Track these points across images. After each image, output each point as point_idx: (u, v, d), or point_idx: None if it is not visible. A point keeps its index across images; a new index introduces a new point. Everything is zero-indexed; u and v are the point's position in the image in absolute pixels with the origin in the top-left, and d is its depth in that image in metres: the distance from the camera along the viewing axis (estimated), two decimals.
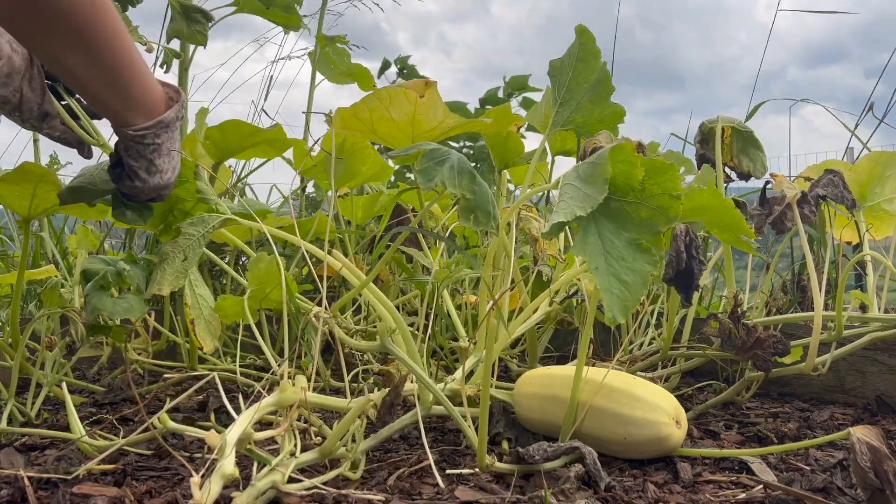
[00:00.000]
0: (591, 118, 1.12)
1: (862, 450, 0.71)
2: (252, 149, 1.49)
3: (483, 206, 0.82)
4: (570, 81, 1.10)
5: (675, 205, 0.77)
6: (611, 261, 0.76)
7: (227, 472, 0.58)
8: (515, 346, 1.42)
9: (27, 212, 1.16)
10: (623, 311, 0.74)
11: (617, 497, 0.76)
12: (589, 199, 0.74)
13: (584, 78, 1.09)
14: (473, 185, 0.82)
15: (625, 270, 0.75)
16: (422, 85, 1.08)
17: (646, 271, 0.76)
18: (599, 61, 1.08)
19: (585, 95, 1.10)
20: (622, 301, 0.74)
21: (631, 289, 0.75)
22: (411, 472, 0.85)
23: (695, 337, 1.23)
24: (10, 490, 0.76)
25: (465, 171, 0.82)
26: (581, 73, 1.09)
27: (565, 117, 1.13)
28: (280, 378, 0.76)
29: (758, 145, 1.30)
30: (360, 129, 1.17)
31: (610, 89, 1.11)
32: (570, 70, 1.09)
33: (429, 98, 1.08)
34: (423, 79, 1.09)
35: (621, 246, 0.77)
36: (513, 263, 1.05)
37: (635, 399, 0.89)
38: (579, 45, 1.08)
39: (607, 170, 0.74)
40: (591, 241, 0.76)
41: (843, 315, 1.10)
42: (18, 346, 1.14)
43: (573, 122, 1.13)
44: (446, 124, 1.14)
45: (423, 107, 1.10)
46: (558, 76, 1.12)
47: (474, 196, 0.81)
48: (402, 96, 1.08)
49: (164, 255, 0.94)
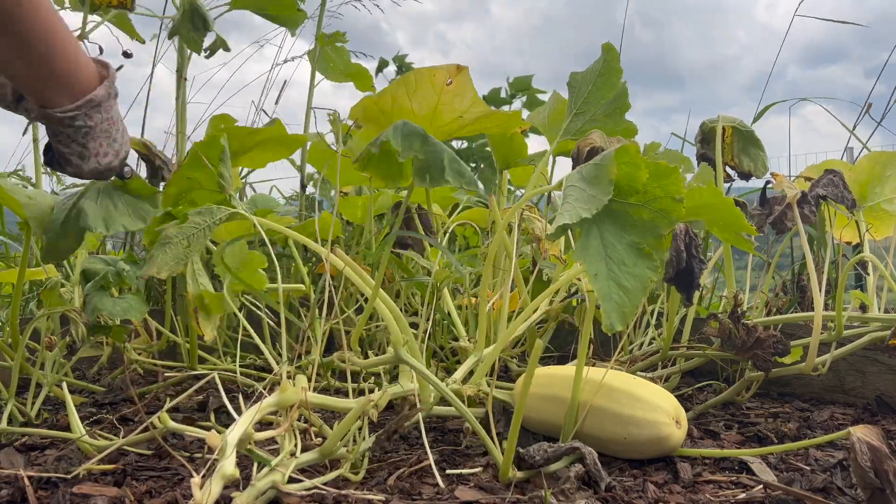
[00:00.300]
0: (603, 131, 1.14)
1: (862, 449, 0.71)
2: (257, 149, 1.48)
3: (437, 163, 0.83)
4: (588, 94, 1.12)
5: (678, 208, 0.77)
6: (611, 265, 0.75)
7: (228, 472, 0.58)
8: (516, 347, 1.42)
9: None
10: (622, 318, 0.73)
11: (617, 497, 0.76)
12: (594, 201, 0.74)
13: (603, 94, 1.11)
14: (425, 146, 0.83)
15: (625, 276, 0.75)
16: (454, 69, 1.05)
17: (646, 277, 0.75)
18: (621, 80, 1.11)
19: (601, 109, 1.12)
20: (621, 307, 0.73)
21: (631, 295, 0.74)
22: (411, 472, 0.85)
23: (695, 337, 1.23)
24: (10, 490, 0.76)
25: (414, 133, 0.83)
26: (601, 87, 1.11)
27: (578, 127, 1.15)
28: (280, 378, 0.76)
29: (759, 145, 1.30)
30: (379, 118, 1.15)
31: (626, 106, 1.13)
32: (591, 84, 1.11)
33: (457, 84, 1.06)
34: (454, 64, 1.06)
35: (622, 250, 0.77)
36: (514, 263, 1.06)
37: (635, 399, 0.89)
38: (603, 62, 1.10)
39: (612, 171, 0.74)
40: (593, 244, 0.76)
41: (843, 315, 1.10)
42: (18, 346, 1.14)
43: (584, 133, 1.15)
44: (471, 113, 1.12)
45: (448, 96, 1.07)
46: (577, 87, 1.14)
47: (425, 156, 0.82)
48: (429, 83, 1.05)
49: (166, 239, 0.89)
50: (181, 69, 1.67)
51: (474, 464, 0.88)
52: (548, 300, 1.18)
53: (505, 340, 0.99)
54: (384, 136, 0.83)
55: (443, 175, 0.83)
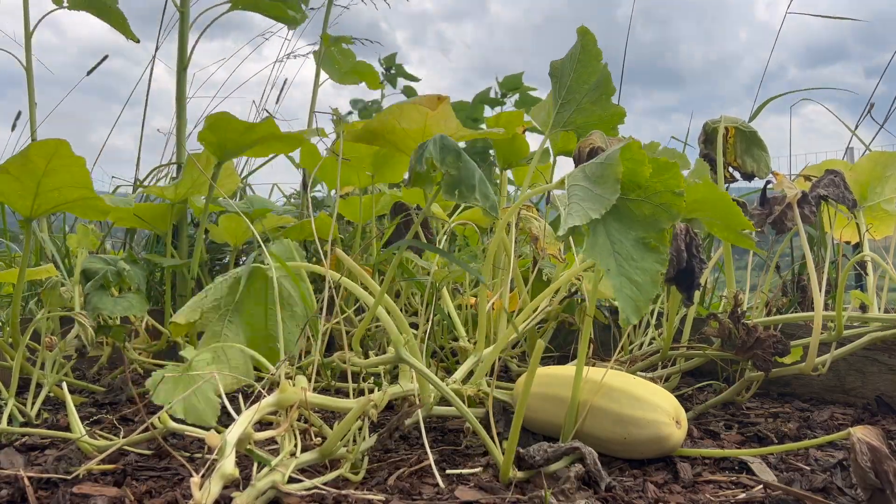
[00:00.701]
0: (591, 119, 1.12)
1: (862, 449, 0.71)
2: (261, 145, 1.49)
3: (468, 181, 0.84)
4: (571, 83, 1.11)
5: (678, 201, 0.78)
6: (620, 261, 0.76)
7: (227, 472, 0.58)
8: (515, 347, 1.42)
9: (29, 212, 1.15)
10: (636, 311, 0.75)
11: (617, 497, 0.76)
12: (602, 201, 0.74)
13: (585, 79, 1.10)
14: (458, 162, 0.83)
15: (635, 270, 0.76)
16: (434, 100, 1.08)
17: (655, 270, 0.76)
18: (601, 63, 1.08)
19: (586, 97, 1.11)
20: (635, 301, 0.75)
21: (643, 288, 0.75)
22: (411, 472, 0.85)
23: (695, 337, 1.23)
24: (10, 490, 0.76)
25: (449, 148, 0.84)
26: (582, 74, 1.09)
27: (566, 118, 1.13)
28: (280, 378, 0.76)
29: (762, 145, 1.30)
30: (371, 140, 1.17)
31: (611, 90, 1.11)
32: (572, 71, 1.10)
33: (441, 112, 1.09)
34: (434, 95, 1.10)
35: (629, 245, 0.77)
36: (513, 263, 1.05)
37: (635, 399, 0.89)
38: (581, 47, 1.08)
39: (618, 171, 0.74)
40: (601, 241, 0.77)
41: (843, 315, 1.10)
42: (19, 346, 1.14)
43: (573, 123, 1.14)
44: (457, 137, 1.15)
45: (434, 118, 1.10)
46: (559, 77, 1.12)
47: (458, 172, 0.83)
48: (414, 110, 1.09)
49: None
50: (182, 61, 1.67)
51: (474, 464, 0.88)
52: (547, 300, 1.18)
53: (505, 340, 0.99)
54: (426, 151, 0.84)
55: (472, 193, 0.84)
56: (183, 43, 1.77)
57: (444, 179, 0.84)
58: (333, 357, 0.93)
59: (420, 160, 0.84)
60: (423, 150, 0.86)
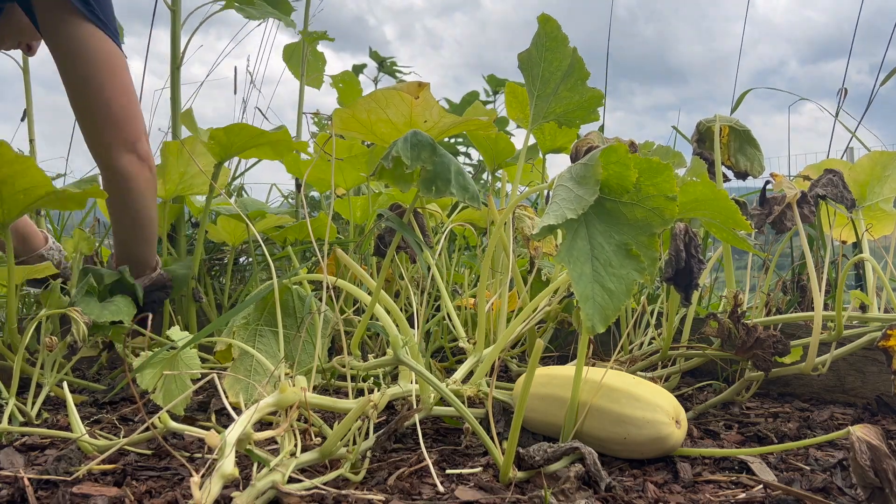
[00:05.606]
0: (570, 106, 1.11)
1: (861, 449, 0.71)
2: (255, 149, 1.50)
3: (443, 174, 0.83)
4: (543, 72, 1.09)
5: (671, 206, 0.76)
6: (597, 266, 0.74)
7: (227, 472, 0.58)
8: (515, 347, 1.42)
9: (1, 218, 1.15)
10: (604, 319, 0.72)
11: (617, 497, 0.76)
12: (580, 202, 0.73)
13: (556, 66, 1.08)
14: (434, 157, 0.83)
15: (610, 277, 0.73)
16: (415, 87, 1.08)
17: (632, 279, 0.74)
18: (568, 47, 1.06)
19: (561, 84, 1.09)
20: (603, 310, 0.72)
21: (614, 297, 0.73)
22: (411, 472, 0.85)
23: (695, 337, 1.23)
24: (10, 490, 0.76)
25: (423, 143, 0.83)
26: (552, 62, 1.07)
27: (545, 109, 1.12)
28: (279, 378, 0.76)
29: (755, 144, 1.30)
30: (359, 130, 1.17)
31: (584, 74, 1.09)
32: (541, 61, 1.08)
33: (423, 99, 1.09)
34: (415, 82, 1.10)
35: (611, 251, 0.75)
36: (511, 262, 1.05)
37: (635, 399, 0.89)
38: (545, 35, 1.06)
39: (598, 171, 0.73)
40: (579, 245, 0.74)
41: (843, 315, 1.10)
42: (18, 346, 1.13)
43: (554, 113, 1.12)
44: (442, 124, 1.14)
45: (419, 107, 1.10)
46: (530, 69, 1.10)
47: (433, 167, 0.82)
48: (398, 97, 1.09)
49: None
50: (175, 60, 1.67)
51: (474, 464, 0.88)
52: (547, 300, 1.18)
53: (504, 341, 0.99)
54: (395, 149, 0.84)
55: (449, 187, 0.83)
56: (175, 42, 1.77)
57: (420, 175, 0.84)
58: (332, 361, 0.93)
59: (387, 156, 0.84)
60: (394, 145, 0.85)
